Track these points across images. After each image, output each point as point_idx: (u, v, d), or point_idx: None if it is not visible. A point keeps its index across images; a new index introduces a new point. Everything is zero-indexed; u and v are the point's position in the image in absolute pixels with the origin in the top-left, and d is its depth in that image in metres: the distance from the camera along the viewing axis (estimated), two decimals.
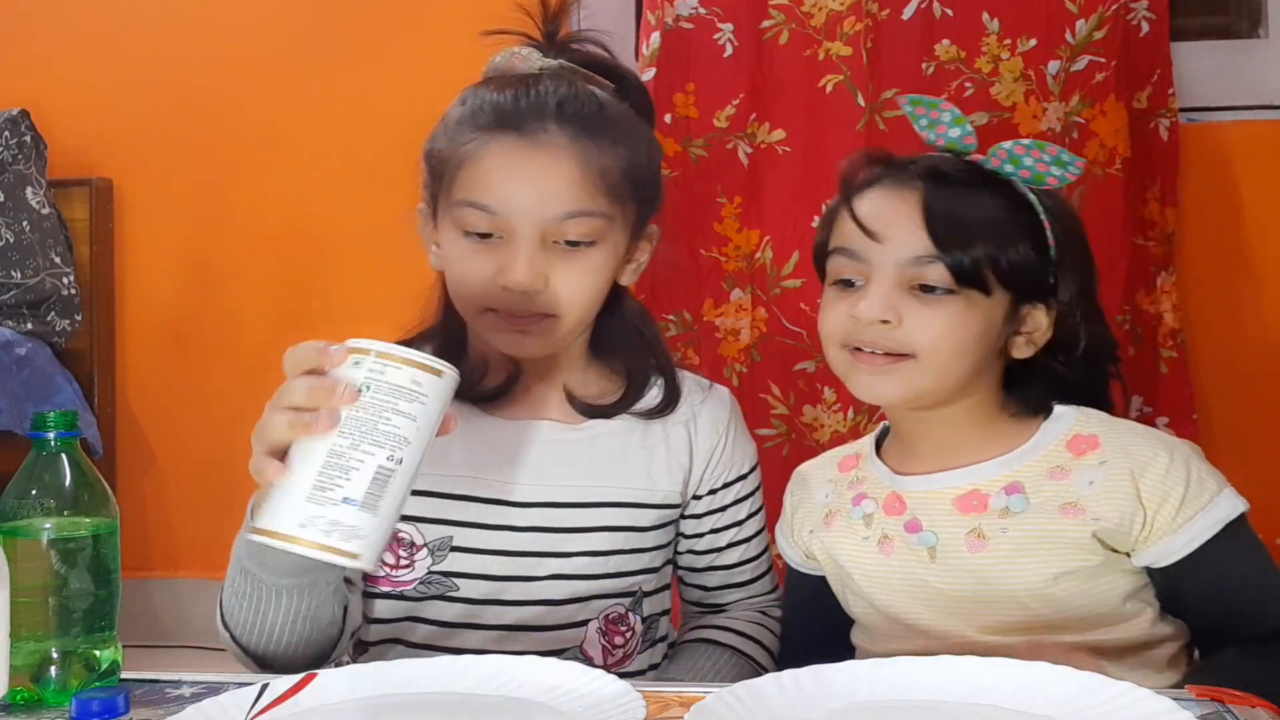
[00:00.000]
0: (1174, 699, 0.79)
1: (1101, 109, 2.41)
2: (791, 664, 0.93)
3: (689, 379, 1.30)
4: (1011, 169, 1.13)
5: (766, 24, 2.49)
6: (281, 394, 0.90)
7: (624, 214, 1.17)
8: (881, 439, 1.25)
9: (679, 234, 2.42)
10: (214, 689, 0.92)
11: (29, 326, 2.60)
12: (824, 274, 1.19)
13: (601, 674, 0.88)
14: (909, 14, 2.45)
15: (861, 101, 2.41)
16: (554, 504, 1.19)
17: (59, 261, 2.68)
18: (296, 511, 0.85)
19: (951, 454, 1.16)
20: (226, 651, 1.11)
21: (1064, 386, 1.16)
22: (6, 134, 2.66)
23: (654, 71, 2.43)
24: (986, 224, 1.10)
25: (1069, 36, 2.42)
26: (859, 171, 1.18)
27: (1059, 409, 1.16)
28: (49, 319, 2.65)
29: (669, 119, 2.44)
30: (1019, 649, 1.07)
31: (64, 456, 0.96)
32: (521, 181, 1.12)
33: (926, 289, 1.10)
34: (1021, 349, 1.15)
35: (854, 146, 2.28)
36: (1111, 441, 1.11)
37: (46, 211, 2.69)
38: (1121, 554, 1.10)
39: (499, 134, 1.13)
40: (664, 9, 2.48)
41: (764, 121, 2.49)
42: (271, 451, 0.89)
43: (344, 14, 2.80)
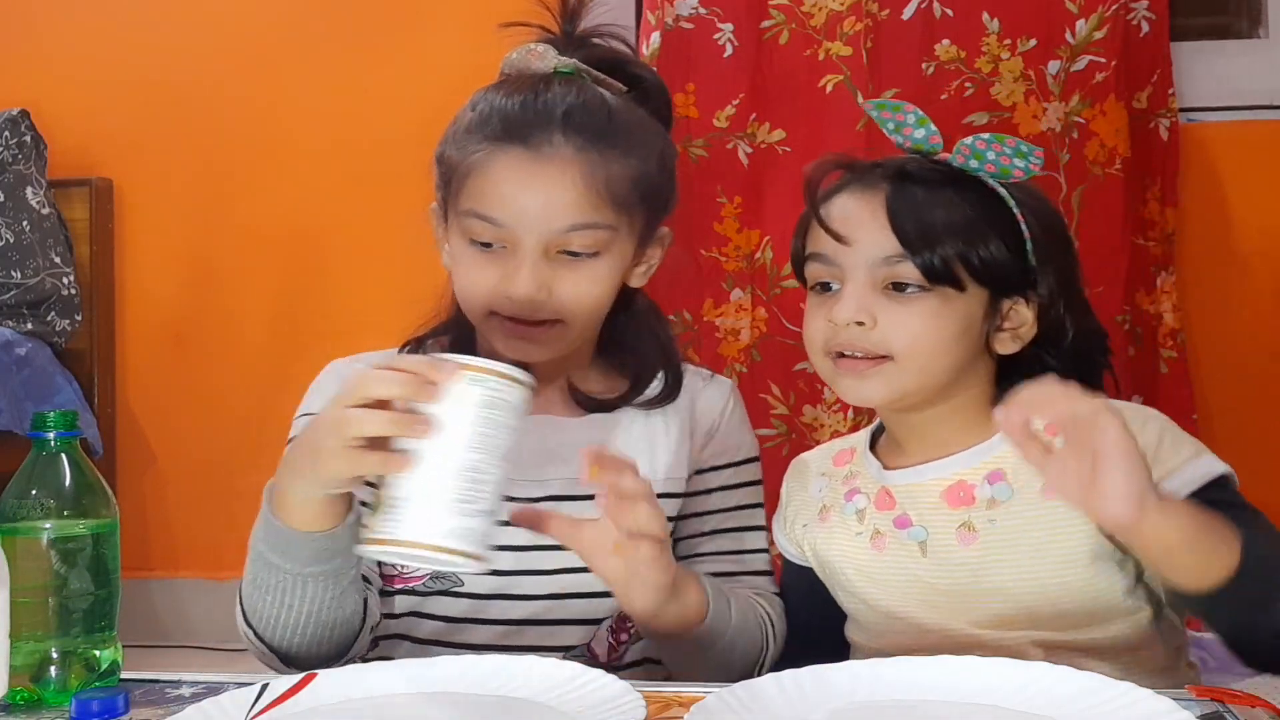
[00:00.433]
0: (1174, 699, 0.80)
1: (1101, 109, 2.41)
2: (791, 658, 0.92)
3: (691, 370, 1.30)
4: (977, 164, 1.12)
5: (766, 24, 2.49)
6: (370, 385, 0.90)
7: (631, 222, 1.17)
8: (878, 434, 1.25)
9: (679, 234, 2.42)
10: (214, 689, 0.92)
11: (29, 326, 2.60)
12: (804, 279, 1.19)
13: (601, 674, 0.88)
14: (909, 14, 2.45)
15: (861, 101, 2.41)
16: (554, 497, 1.19)
17: (59, 261, 2.68)
18: (442, 523, 0.88)
19: (940, 449, 1.16)
20: (226, 651, 1.11)
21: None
22: (6, 134, 2.66)
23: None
24: (953, 220, 1.10)
25: (1069, 36, 2.42)
26: (825, 177, 1.18)
27: None
28: (49, 319, 2.65)
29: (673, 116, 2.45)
30: (1012, 646, 1.07)
31: (64, 456, 0.96)
32: (526, 194, 1.12)
33: (899, 287, 1.10)
34: (1007, 344, 1.14)
35: (854, 146, 2.28)
36: None
37: (46, 211, 2.69)
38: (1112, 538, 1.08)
39: (505, 145, 1.13)
40: (664, 9, 2.48)
41: (764, 121, 2.50)
42: (355, 444, 0.90)
43: (344, 13, 2.80)
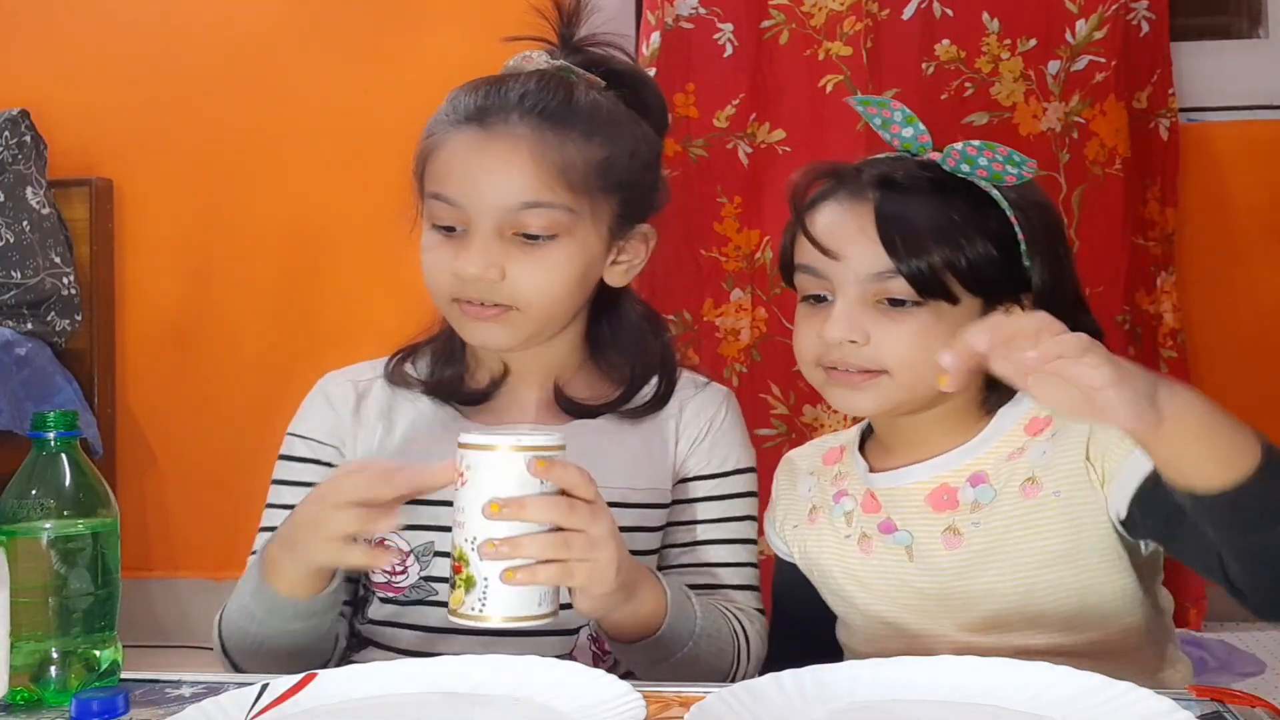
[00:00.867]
0: (1174, 699, 0.80)
1: (1101, 109, 2.41)
2: (785, 658, 0.92)
3: (686, 376, 1.27)
4: (968, 169, 1.10)
5: (766, 24, 2.49)
6: (343, 489, 0.99)
7: (594, 209, 1.15)
8: (869, 432, 1.24)
9: (679, 234, 2.43)
10: (214, 689, 0.92)
11: (29, 326, 2.60)
12: (792, 284, 1.17)
13: (602, 674, 0.88)
14: (909, 14, 2.45)
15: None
16: None
17: (59, 261, 2.68)
18: (536, 594, 0.95)
19: (927, 451, 1.15)
20: None
21: None
22: (6, 134, 2.66)
23: (654, 71, 2.43)
24: (944, 231, 1.07)
25: (1069, 36, 2.42)
26: (810, 186, 1.15)
27: (1021, 394, 1.12)
28: (49, 319, 2.65)
29: (669, 119, 2.45)
30: (1003, 650, 1.07)
31: (64, 456, 0.96)
32: (478, 172, 1.12)
33: (894, 302, 1.08)
34: None
35: (854, 146, 2.28)
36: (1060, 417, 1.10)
37: (46, 211, 2.69)
38: (1099, 532, 1.08)
39: (463, 127, 1.14)
40: (664, 9, 2.48)
41: (764, 121, 2.50)
42: (337, 539, 0.98)
43: (344, 14, 2.80)
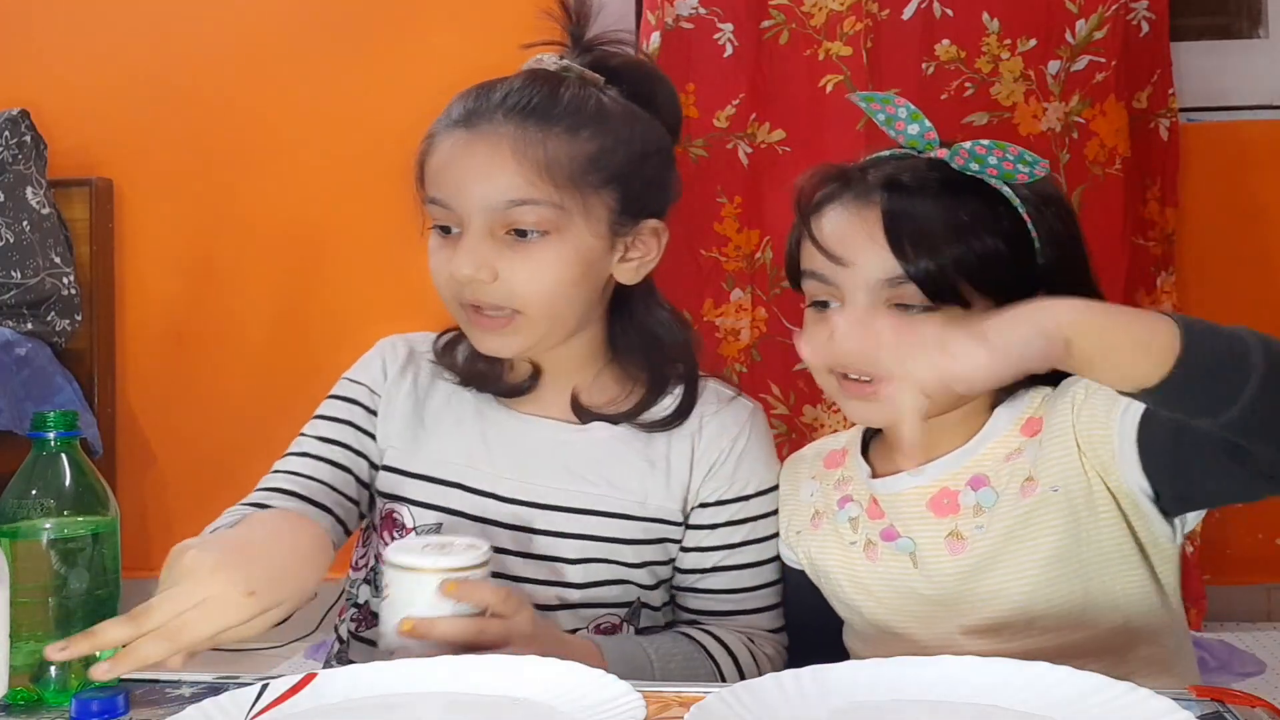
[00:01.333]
0: (1174, 699, 0.79)
1: (1101, 109, 2.41)
2: (793, 661, 0.92)
3: (711, 388, 1.24)
4: (977, 167, 1.07)
5: (766, 24, 2.49)
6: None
7: (586, 204, 1.13)
8: (870, 434, 1.22)
9: (679, 234, 2.42)
10: (214, 689, 0.92)
11: (29, 326, 2.60)
12: (800, 288, 1.15)
13: (602, 674, 0.88)
14: (909, 14, 2.45)
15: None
16: (538, 504, 1.18)
17: (59, 261, 2.68)
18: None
19: (927, 450, 1.13)
20: (226, 651, 1.11)
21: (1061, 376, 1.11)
22: (6, 134, 2.66)
23: None
24: (954, 235, 1.05)
25: (1069, 36, 2.42)
26: (815, 190, 1.13)
27: (1020, 391, 1.12)
28: (49, 319, 2.65)
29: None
30: (1010, 653, 1.06)
31: (64, 456, 0.96)
32: (464, 172, 1.13)
33: (904, 308, 1.06)
34: None
35: (854, 146, 2.28)
36: (1049, 408, 1.09)
37: (46, 211, 2.69)
38: (1100, 525, 1.07)
39: (453, 130, 1.15)
40: (664, 9, 2.48)
41: (764, 121, 2.50)
42: None
43: (344, 14, 2.80)
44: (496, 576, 1.14)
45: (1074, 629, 1.08)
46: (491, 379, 1.23)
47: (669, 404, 1.22)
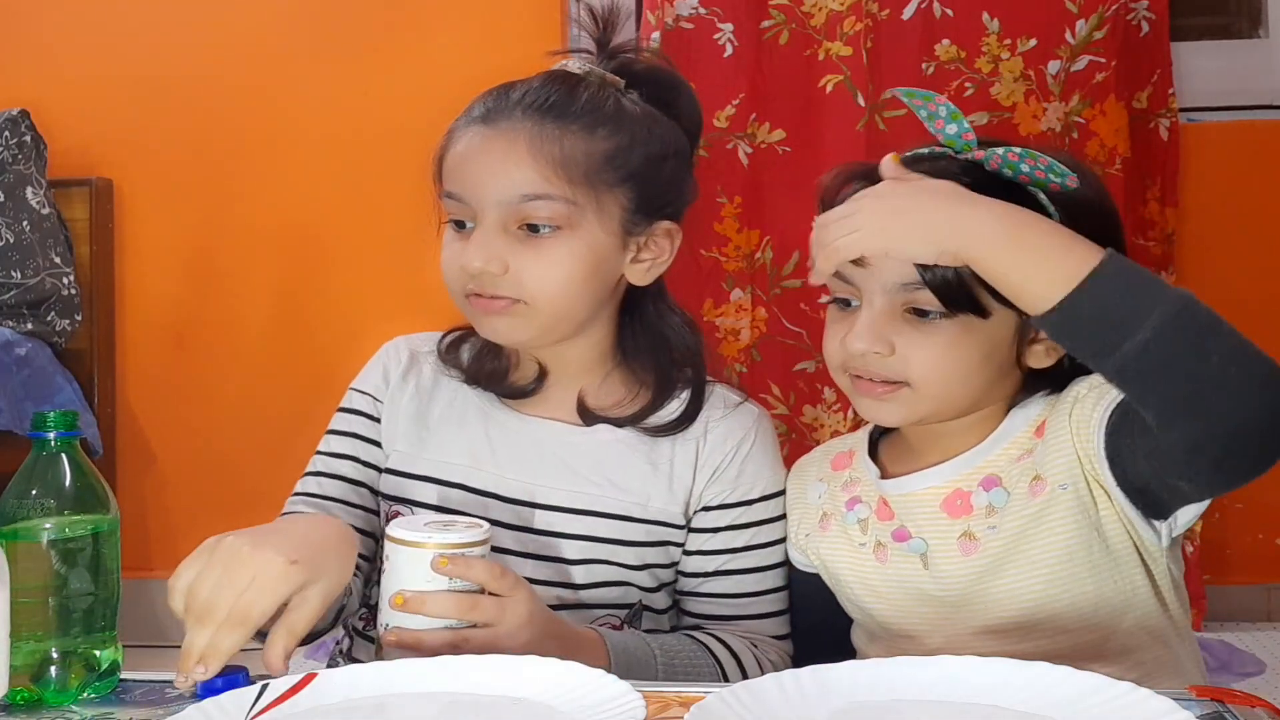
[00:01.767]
0: (1174, 699, 0.79)
1: (1101, 109, 2.41)
2: (801, 662, 0.92)
3: (719, 393, 1.24)
4: (1010, 174, 1.07)
5: (766, 24, 2.49)
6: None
7: (600, 202, 1.14)
8: (878, 434, 1.22)
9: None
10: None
11: (29, 326, 2.60)
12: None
13: (602, 674, 0.88)
14: (909, 14, 2.45)
15: (861, 101, 2.41)
16: (540, 505, 1.18)
17: (59, 261, 2.68)
18: None
19: (940, 451, 1.13)
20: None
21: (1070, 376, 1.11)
22: (6, 134, 2.66)
23: None
24: None
25: (1069, 36, 2.42)
26: (840, 189, 1.12)
27: (1036, 395, 1.12)
28: (49, 319, 2.65)
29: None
30: (1025, 653, 1.06)
31: (64, 456, 0.96)
32: (480, 166, 1.14)
33: (920, 313, 1.06)
34: (1040, 359, 1.09)
35: (854, 146, 2.29)
36: (1054, 407, 1.09)
37: (46, 211, 2.69)
38: (1107, 522, 1.07)
39: (472, 126, 1.16)
40: (664, 9, 2.48)
41: (764, 121, 2.50)
42: None
43: (344, 14, 2.80)
44: None
45: (1086, 630, 1.08)
46: (497, 377, 1.23)
47: (675, 408, 1.22)
